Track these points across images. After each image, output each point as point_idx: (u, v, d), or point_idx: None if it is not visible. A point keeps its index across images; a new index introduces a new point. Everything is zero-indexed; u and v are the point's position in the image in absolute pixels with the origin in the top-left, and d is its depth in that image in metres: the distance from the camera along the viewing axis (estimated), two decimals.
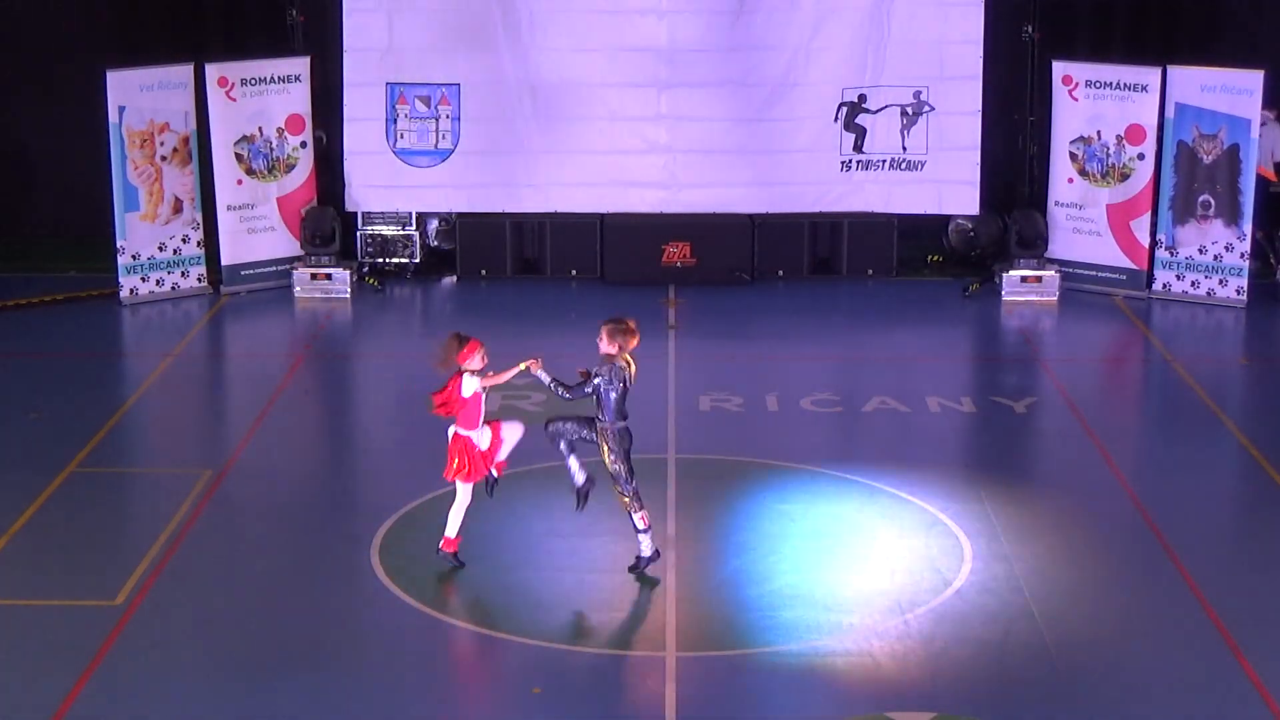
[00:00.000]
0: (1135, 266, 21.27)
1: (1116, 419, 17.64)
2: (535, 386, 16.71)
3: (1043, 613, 12.79)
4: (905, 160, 21.90)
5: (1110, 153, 21.12)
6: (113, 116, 20.37)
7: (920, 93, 21.74)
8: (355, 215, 22.04)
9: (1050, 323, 20.68)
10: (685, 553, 13.77)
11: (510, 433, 13.37)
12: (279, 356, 19.33)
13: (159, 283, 21.01)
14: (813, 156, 21.92)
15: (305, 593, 13.15)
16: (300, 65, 21.47)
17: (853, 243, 22.18)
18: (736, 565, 13.66)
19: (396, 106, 21.85)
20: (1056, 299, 21.17)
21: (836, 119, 21.87)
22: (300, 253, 21.42)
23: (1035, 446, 17.00)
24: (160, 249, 20.97)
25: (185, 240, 21.11)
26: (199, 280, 21.29)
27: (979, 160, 21.80)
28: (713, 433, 16.63)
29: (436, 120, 21.86)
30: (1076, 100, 21.28)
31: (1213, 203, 20.80)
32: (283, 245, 21.54)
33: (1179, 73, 20.79)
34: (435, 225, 22.38)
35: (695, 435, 16.47)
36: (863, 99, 21.81)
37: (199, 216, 21.18)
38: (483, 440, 13.19)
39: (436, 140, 21.92)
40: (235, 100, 21.06)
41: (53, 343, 19.52)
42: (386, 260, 22.09)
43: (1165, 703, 11.60)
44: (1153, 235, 21.18)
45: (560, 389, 13.07)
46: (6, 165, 23.18)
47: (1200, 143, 20.73)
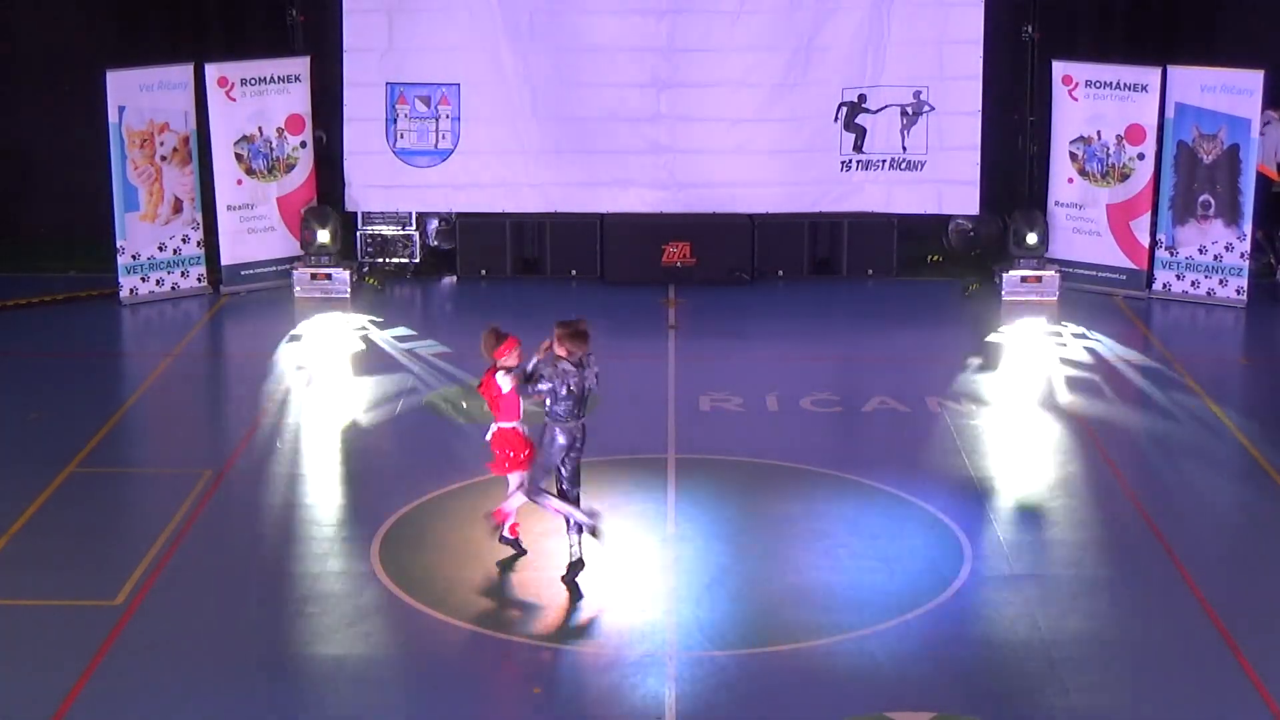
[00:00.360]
0: (1135, 266, 21.27)
1: (1117, 419, 17.63)
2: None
3: (1043, 613, 12.80)
4: (905, 160, 21.91)
5: (1110, 153, 21.12)
6: (113, 116, 20.38)
7: (920, 93, 21.75)
8: (355, 215, 22.05)
9: (1050, 323, 20.66)
10: (685, 553, 13.77)
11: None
12: (279, 356, 19.31)
13: (159, 283, 21.01)
14: (813, 156, 21.93)
15: (305, 592, 13.14)
16: (300, 65, 21.47)
17: (853, 243, 22.18)
18: (736, 565, 13.66)
19: (396, 106, 21.86)
20: (1056, 299, 21.17)
21: (836, 119, 21.88)
22: (300, 253, 21.44)
23: (1035, 446, 16.99)
24: (160, 249, 20.97)
25: (185, 240, 21.12)
26: (199, 280, 21.29)
27: (979, 160, 21.81)
28: (713, 433, 16.63)
29: (436, 120, 21.87)
30: (1076, 100, 21.28)
31: (1213, 203, 20.81)
32: (283, 245, 21.54)
33: (1179, 73, 20.79)
34: (435, 225, 22.38)
35: (695, 435, 16.46)
36: (863, 99, 21.81)
37: (199, 216, 21.18)
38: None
39: (436, 140, 21.93)
40: (235, 100, 21.07)
41: (53, 343, 19.52)
42: (386, 260, 22.09)
43: (1165, 703, 11.60)
44: (1153, 235, 21.18)
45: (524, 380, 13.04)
46: (6, 165, 23.19)
47: (1200, 143, 20.74)
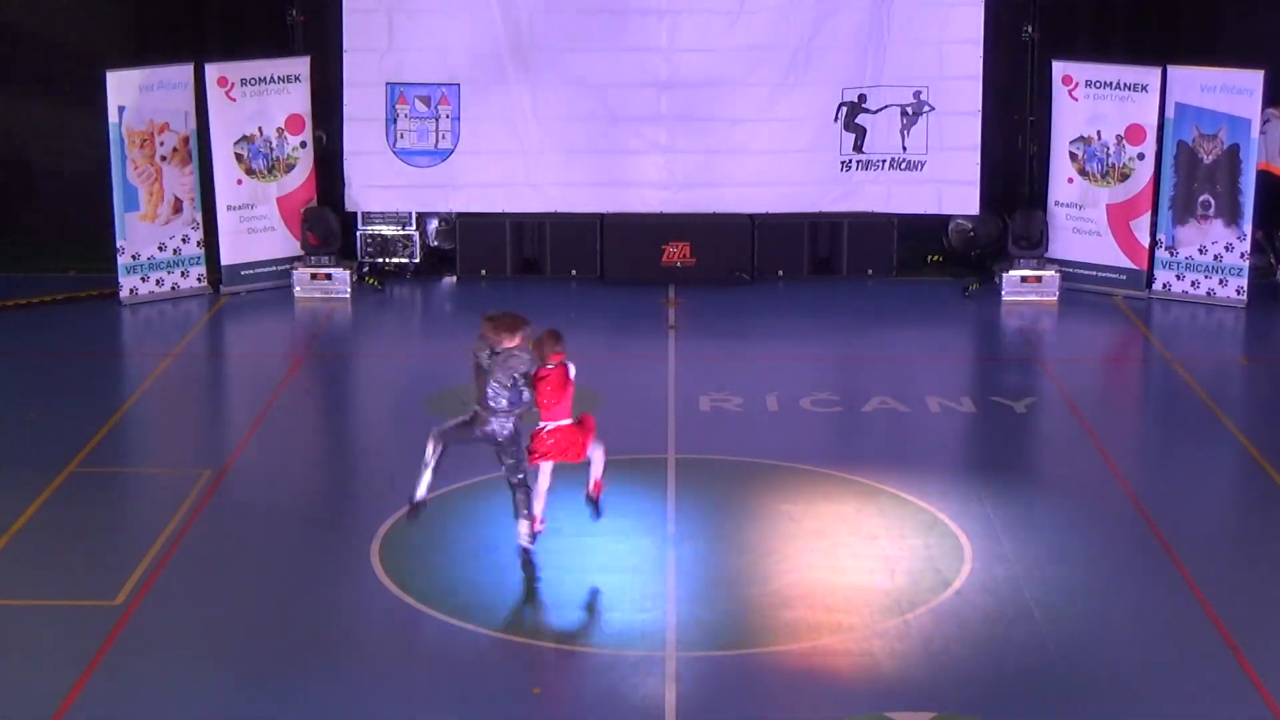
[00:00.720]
0: (1135, 266, 21.27)
1: (1116, 419, 17.64)
2: None
3: (1043, 613, 12.80)
4: (905, 160, 21.90)
5: (1110, 153, 21.12)
6: (113, 116, 20.37)
7: (920, 93, 21.73)
8: (355, 215, 22.05)
9: (1050, 323, 20.68)
10: (685, 553, 13.77)
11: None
12: (279, 356, 19.34)
13: (159, 283, 21.00)
14: (813, 156, 21.91)
15: (305, 592, 13.15)
16: (300, 65, 21.46)
17: (853, 243, 22.18)
18: (736, 565, 13.66)
19: (396, 106, 21.85)
20: (1056, 299, 21.17)
21: (836, 119, 21.87)
22: (300, 253, 21.44)
23: (1035, 446, 17.00)
24: (160, 249, 20.97)
25: (185, 240, 21.11)
26: (199, 280, 21.29)
27: (979, 160, 21.79)
28: (713, 433, 16.62)
29: (436, 120, 21.86)
30: (1076, 100, 21.27)
31: (1213, 203, 20.80)
32: (283, 245, 21.54)
33: (1179, 73, 20.78)
34: (435, 225, 22.38)
35: (695, 435, 16.46)
36: (863, 99, 21.80)
37: (199, 216, 21.18)
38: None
39: (436, 140, 21.92)
40: (235, 100, 21.06)
41: (53, 343, 19.51)
42: (386, 260, 22.08)
43: (1165, 703, 11.60)
44: (1153, 235, 21.18)
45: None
46: (6, 165, 23.19)
47: (1200, 143, 20.73)
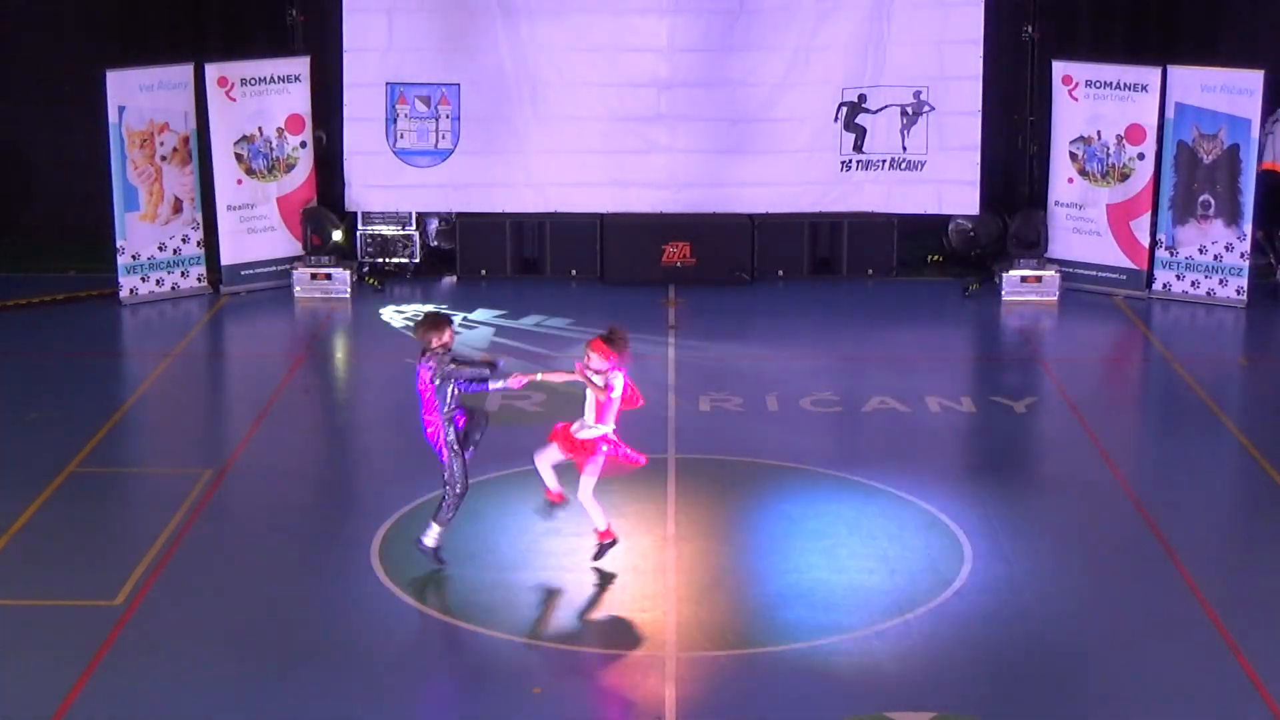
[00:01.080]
0: (1135, 266, 21.27)
1: (1116, 419, 17.64)
2: (535, 386, 16.74)
3: (1043, 613, 12.79)
4: (905, 160, 21.90)
5: (1110, 153, 21.12)
6: (113, 116, 20.37)
7: (920, 93, 21.74)
8: (355, 215, 22.06)
9: (1050, 323, 20.69)
10: (685, 553, 13.77)
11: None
12: (279, 356, 19.34)
13: (159, 283, 21.01)
14: (813, 156, 21.93)
15: (305, 592, 13.15)
16: (300, 65, 21.47)
17: (853, 243, 22.18)
18: (736, 565, 13.66)
19: (396, 106, 21.86)
20: (1056, 299, 21.17)
21: (836, 119, 21.88)
22: (300, 253, 21.45)
23: (1035, 446, 17.00)
24: (160, 249, 20.97)
25: (185, 240, 21.12)
26: (199, 280, 21.29)
27: (979, 160, 21.81)
28: (713, 433, 16.62)
29: (436, 120, 21.87)
30: (1076, 100, 21.28)
31: (1213, 203, 20.80)
32: (283, 245, 21.54)
33: (1179, 73, 20.79)
34: (435, 225, 22.39)
35: (695, 435, 16.46)
36: (863, 99, 21.81)
37: (199, 216, 21.18)
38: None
39: (436, 140, 21.93)
40: (235, 100, 21.06)
41: (53, 343, 19.52)
42: (386, 260, 22.09)
43: (1165, 702, 11.59)
44: (1153, 235, 21.18)
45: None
46: (6, 165, 23.20)
47: (1200, 143, 20.74)
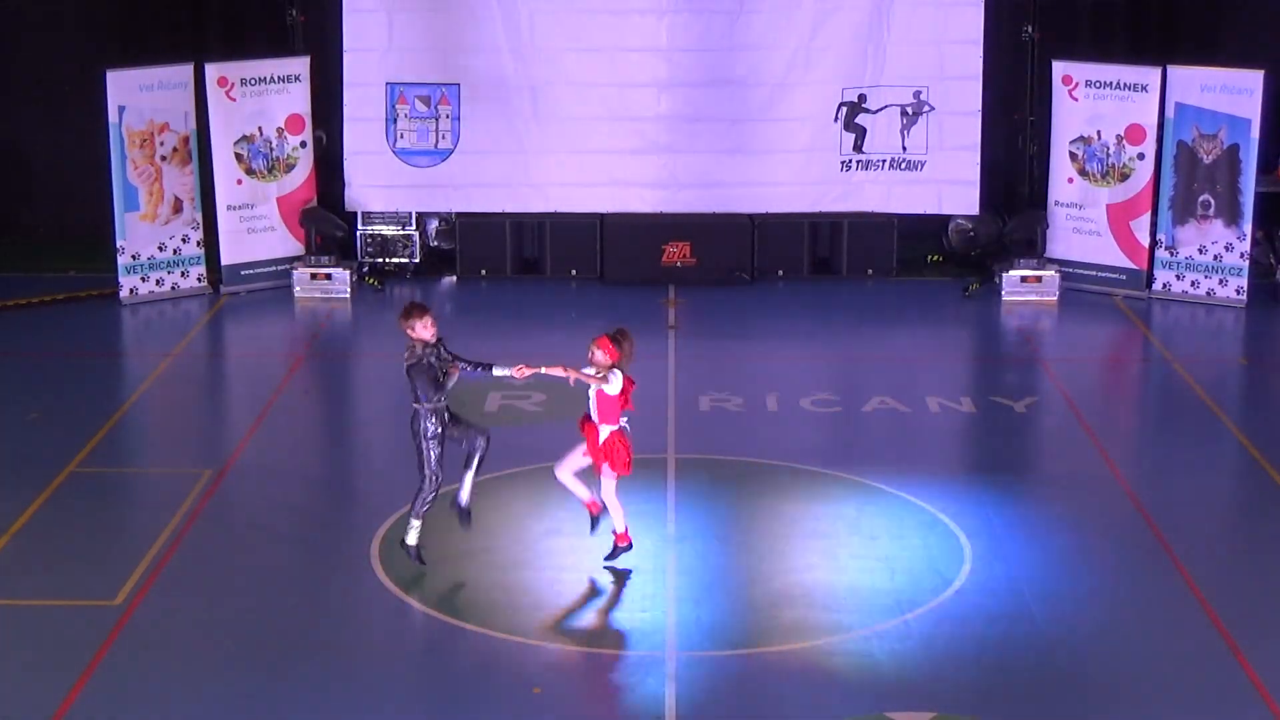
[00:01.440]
0: (1135, 266, 21.27)
1: (1116, 419, 17.64)
2: (535, 386, 16.75)
3: (1043, 613, 12.79)
4: (905, 160, 21.91)
5: (1110, 153, 21.12)
6: (113, 116, 20.37)
7: (920, 93, 21.74)
8: (355, 215, 22.06)
9: (1050, 323, 20.69)
10: (685, 553, 13.77)
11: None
12: (279, 356, 19.34)
13: (159, 283, 21.01)
14: (813, 156, 21.93)
15: (305, 592, 13.15)
16: (300, 65, 21.47)
17: (853, 243, 22.18)
18: (736, 565, 13.66)
19: (396, 106, 21.86)
20: (1056, 299, 21.18)
21: (836, 119, 21.88)
22: (300, 253, 21.45)
23: (1035, 446, 17.00)
24: (160, 249, 20.97)
25: (185, 240, 21.12)
26: (199, 280, 21.29)
27: (979, 160, 21.81)
28: (713, 433, 16.62)
29: (436, 120, 21.87)
30: (1076, 100, 21.28)
31: (1213, 203, 20.80)
32: (283, 245, 21.54)
33: (1179, 73, 20.79)
34: (435, 225, 22.39)
35: (695, 435, 16.46)
36: (863, 99, 21.81)
37: (199, 216, 21.18)
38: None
39: (436, 140, 21.93)
40: (235, 100, 21.06)
41: (53, 343, 19.51)
42: (386, 260, 22.09)
43: (1165, 703, 11.59)
44: (1153, 235, 21.18)
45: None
46: (6, 165, 23.20)
47: (1200, 143, 20.74)
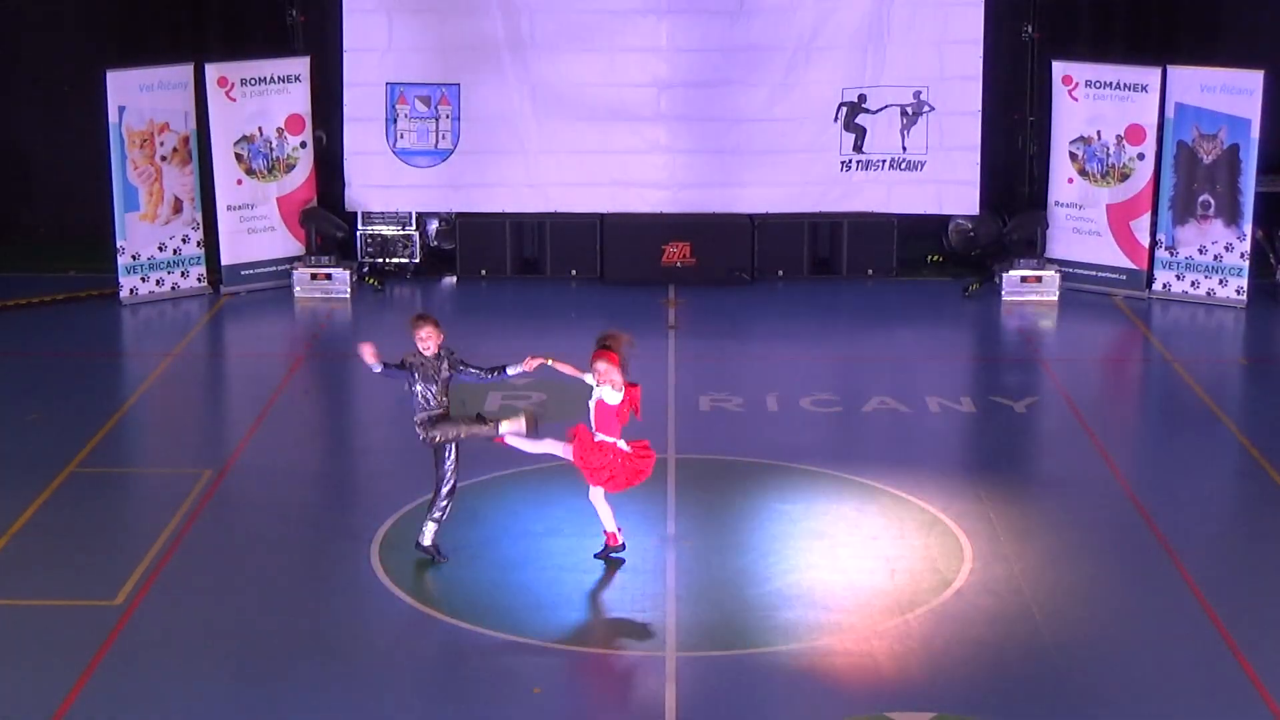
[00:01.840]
0: (1135, 266, 21.27)
1: (1116, 419, 17.64)
2: (535, 386, 16.76)
3: (1043, 613, 12.79)
4: (905, 160, 21.91)
5: (1110, 153, 21.12)
6: (113, 116, 20.37)
7: (920, 93, 21.75)
8: (355, 215, 22.06)
9: (1050, 323, 20.68)
10: (685, 553, 13.77)
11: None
12: (279, 356, 19.34)
13: (159, 283, 21.01)
14: (813, 156, 21.93)
15: (305, 592, 13.15)
16: (300, 65, 21.47)
17: (853, 243, 22.18)
18: (736, 565, 13.66)
19: (396, 106, 21.86)
20: (1056, 299, 21.18)
21: (836, 119, 21.88)
22: (300, 253, 21.45)
23: (1035, 446, 17.00)
24: (160, 249, 20.97)
25: (185, 240, 21.12)
26: (199, 280, 21.29)
27: (979, 160, 21.81)
28: (713, 433, 16.62)
29: (436, 120, 21.87)
30: (1076, 100, 21.28)
31: (1212, 203, 20.80)
32: (283, 245, 21.54)
33: (1179, 73, 20.79)
34: (435, 225, 22.39)
35: (695, 435, 16.46)
36: (863, 99, 21.81)
37: (199, 216, 21.18)
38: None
39: (436, 140, 21.93)
40: (235, 100, 21.06)
41: (53, 343, 19.51)
42: (386, 260, 22.09)
43: (1165, 703, 11.59)
44: (1153, 235, 21.18)
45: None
46: (6, 165, 23.20)
47: (1200, 143, 20.74)
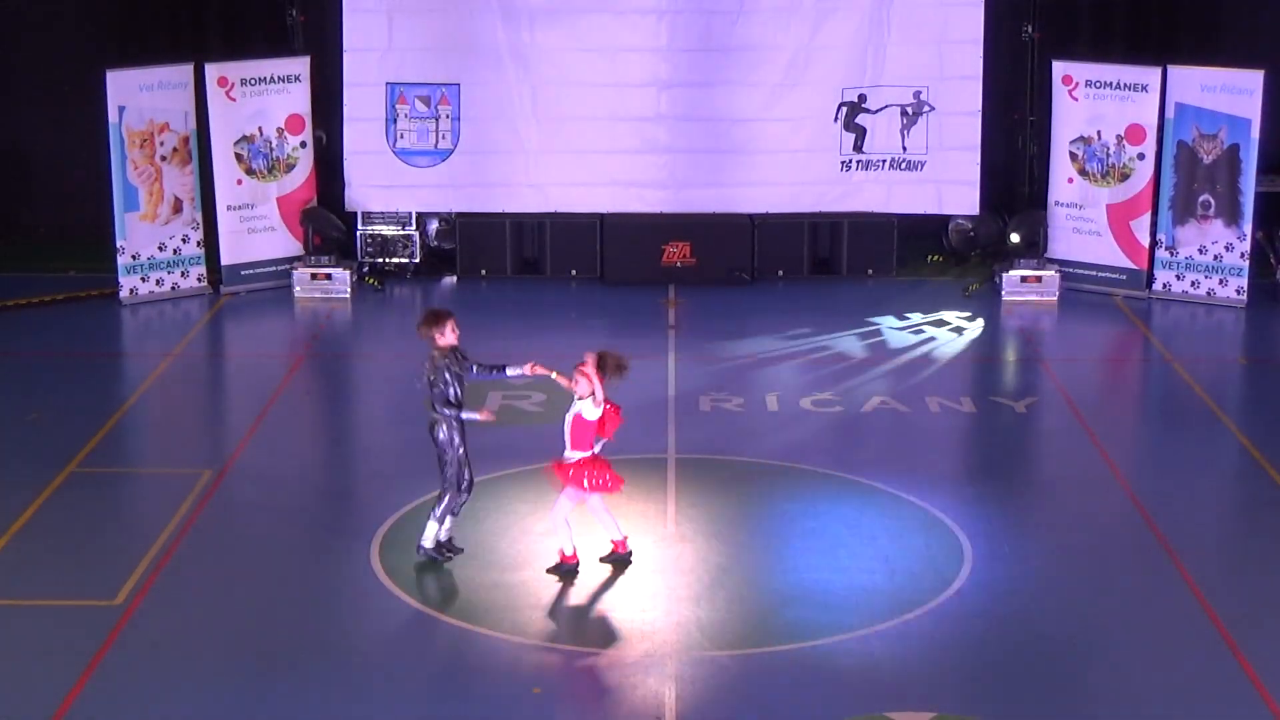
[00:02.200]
0: (1135, 266, 21.27)
1: (1116, 419, 17.64)
2: (535, 386, 16.77)
3: (1043, 613, 12.80)
4: (905, 160, 21.91)
5: (1110, 153, 21.12)
6: (113, 116, 20.37)
7: (920, 93, 21.75)
8: (355, 215, 22.06)
9: (1050, 323, 20.69)
10: (685, 553, 13.77)
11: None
12: (279, 356, 19.34)
13: (159, 283, 21.01)
14: (813, 156, 21.93)
15: (305, 593, 13.15)
16: (300, 65, 21.47)
17: (853, 243, 22.18)
18: (736, 565, 13.66)
19: (396, 106, 21.86)
20: (1056, 299, 21.18)
21: (836, 119, 21.88)
22: (300, 253, 21.45)
23: (1035, 446, 17.00)
24: (160, 249, 20.97)
25: (185, 240, 21.12)
26: (199, 280, 21.29)
27: (979, 160, 21.82)
28: (713, 433, 16.62)
29: (436, 120, 21.87)
30: (1076, 100, 21.28)
31: (1213, 203, 20.80)
32: (283, 245, 21.54)
33: (1179, 73, 20.79)
34: (435, 225, 22.39)
35: (695, 435, 16.46)
36: (863, 99, 21.81)
37: (199, 216, 21.18)
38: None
39: (436, 140, 21.93)
40: (235, 100, 21.06)
41: (53, 343, 19.52)
42: (386, 260, 22.09)
43: (1165, 703, 11.59)
44: (1153, 235, 21.18)
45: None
46: (6, 165, 23.20)
47: (1200, 143, 20.74)
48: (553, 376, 13.32)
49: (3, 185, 23.22)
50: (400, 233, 22.09)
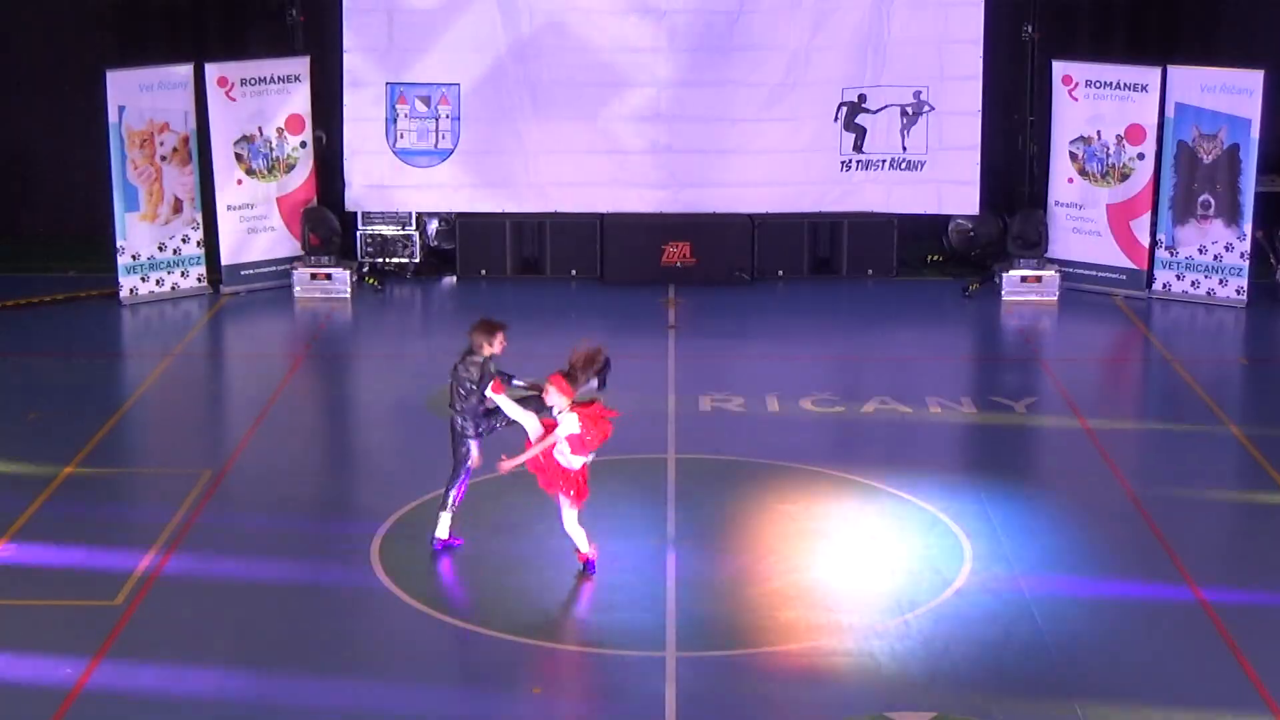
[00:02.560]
0: (1135, 266, 21.27)
1: (1116, 419, 17.63)
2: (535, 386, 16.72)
3: (1043, 613, 12.79)
4: (905, 160, 21.90)
5: (1110, 152, 21.12)
6: (113, 116, 20.37)
7: (920, 93, 21.74)
8: (355, 215, 22.06)
9: (1050, 323, 20.68)
10: (685, 553, 13.77)
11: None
12: (279, 356, 19.34)
13: (159, 283, 21.00)
14: (813, 156, 21.92)
15: (305, 593, 13.14)
16: (300, 65, 21.47)
17: (853, 243, 22.18)
18: (736, 565, 13.65)
19: (396, 106, 21.86)
20: (1056, 299, 21.17)
21: (836, 119, 21.88)
22: (300, 253, 21.45)
23: (1035, 446, 17.00)
24: (160, 249, 20.97)
25: (185, 240, 21.11)
26: (199, 280, 21.29)
27: (979, 160, 21.81)
28: (713, 433, 16.62)
29: (436, 120, 21.87)
30: (1076, 100, 21.27)
31: (1213, 203, 20.80)
32: (283, 245, 21.54)
33: (1179, 73, 20.79)
34: (435, 225, 22.39)
35: (695, 435, 16.46)
36: (863, 99, 21.81)
37: (199, 216, 21.18)
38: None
39: (436, 140, 21.93)
40: (235, 100, 21.06)
41: (53, 343, 19.51)
42: (386, 260, 22.09)
43: (1165, 703, 11.58)
44: (1153, 235, 21.18)
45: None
46: (6, 165, 23.19)
47: (1200, 143, 20.73)
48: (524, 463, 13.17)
49: (3, 185, 23.23)
50: (400, 233, 22.09)
